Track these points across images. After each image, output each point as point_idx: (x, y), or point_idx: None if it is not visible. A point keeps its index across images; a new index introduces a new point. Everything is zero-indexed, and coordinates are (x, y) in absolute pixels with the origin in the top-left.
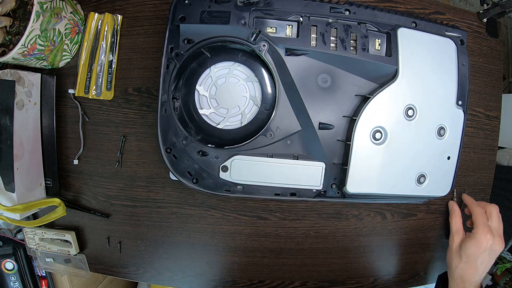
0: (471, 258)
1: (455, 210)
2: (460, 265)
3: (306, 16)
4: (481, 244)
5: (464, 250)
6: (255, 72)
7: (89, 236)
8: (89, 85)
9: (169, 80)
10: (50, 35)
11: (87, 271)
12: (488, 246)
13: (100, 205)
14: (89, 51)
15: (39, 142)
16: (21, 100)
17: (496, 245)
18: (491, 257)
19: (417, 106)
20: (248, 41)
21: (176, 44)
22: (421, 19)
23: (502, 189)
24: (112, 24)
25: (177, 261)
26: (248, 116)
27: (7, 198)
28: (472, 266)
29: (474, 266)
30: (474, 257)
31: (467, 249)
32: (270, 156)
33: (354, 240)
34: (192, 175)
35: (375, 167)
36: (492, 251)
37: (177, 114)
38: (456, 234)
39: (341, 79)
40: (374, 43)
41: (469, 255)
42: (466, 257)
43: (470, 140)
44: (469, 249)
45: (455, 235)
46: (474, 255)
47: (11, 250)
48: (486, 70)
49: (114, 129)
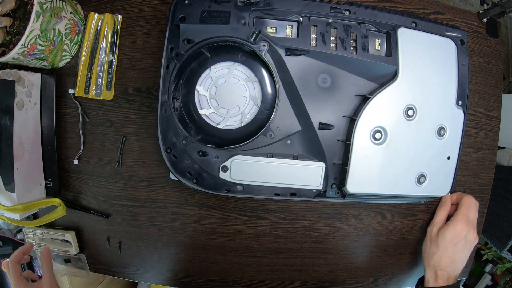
0: (448, 246)
1: (446, 203)
2: (437, 253)
3: (306, 16)
4: (457, 232)
5: (442, 237)
6: (255, 72)
7: (89, 236)
8: (89, 85)
9: (169, 80)
10: (50, 35)
11: (87, 271)
12: (464, 234)
13: (100, 205)
14: (89, 51)
15: (39, 142)
16: (21, 100)
17: (471, 235)
18: (466, 248)
19: (417, 106)
20: (248, 41)
21: (176, 44)
22: (421, 19)
23: (502, 189)
24: (112, 24)
25: (177, 261)
26: (248, 116)
27: (7, 198)
28: (449, 254)
29: (451, 254)
30: (451, 244)
31: (445, 237)
32: (270, 156)
33: (354, 240)
34: (192, 175)
35: (375, 167)
36: (467, 242)
37: (177, 114)
38: (436, 225)
39: (341, 79)
40: (374, 43)
41: (447, 242)
42: (443, 245)
43: (470, 140)
44: (446, 236)
45: (436, 225)
46: (452, 242)
47: (11, 250)
48: (486, 70)
49: (114, 129)
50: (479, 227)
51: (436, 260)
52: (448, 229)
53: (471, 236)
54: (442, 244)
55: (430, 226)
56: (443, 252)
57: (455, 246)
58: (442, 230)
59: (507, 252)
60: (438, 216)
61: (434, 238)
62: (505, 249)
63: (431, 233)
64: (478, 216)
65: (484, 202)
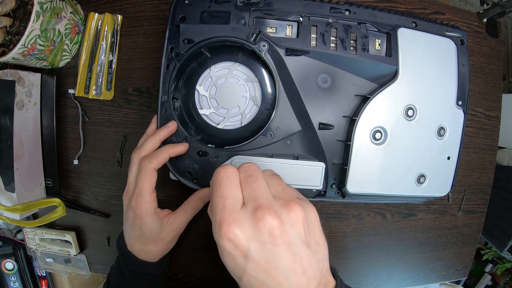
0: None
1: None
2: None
3: (306, 16)
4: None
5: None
6: (255, 72)
7: (89, 236)
8: (89, 85)
9: (169, 80)
10: (50, 35)
11: (87, 271)
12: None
13: (100, 205)
14: (89, 51)
15: (39, 142)
16: (21, 100)
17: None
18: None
19: (417, 106)
20: (248, 41)
21: (176, 44)
22: (421, 19)
23: (502, 189)
24: (112, 24)
25: (177, 261)
26: (248, 116)
27: (7, 198)
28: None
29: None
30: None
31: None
32: (270, 156)
33: (354, 240)
34: (192, 175)
35: (375, 167)
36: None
37: (177, 114)
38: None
39: (341, 79)
40: (374, 43)
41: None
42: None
43: (470, 140)
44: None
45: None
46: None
47: (11, 250)
48: (486, 70)
49: (114, 129)
50: (479, 227)
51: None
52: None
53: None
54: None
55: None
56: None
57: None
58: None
59: (507, 252)
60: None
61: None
62: (505, 249)
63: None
64: (478, 216)
65: (484, 202)
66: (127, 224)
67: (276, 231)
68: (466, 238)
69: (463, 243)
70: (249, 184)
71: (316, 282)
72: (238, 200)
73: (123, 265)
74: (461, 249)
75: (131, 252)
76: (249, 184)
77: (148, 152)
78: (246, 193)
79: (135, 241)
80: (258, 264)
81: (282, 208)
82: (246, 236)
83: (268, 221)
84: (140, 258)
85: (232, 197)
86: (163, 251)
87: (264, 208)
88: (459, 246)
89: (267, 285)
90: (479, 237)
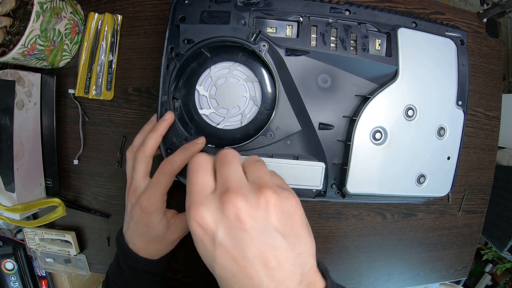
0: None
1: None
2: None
3: (306, 16)
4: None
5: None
6: (255, 72)
7: (89, 236)
8: (89, 85)
9: (169, 80)
10: (50, 35)
11: (87, 271)
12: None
13: (100, 205)
14: (89, 51)
15: (39, 142)
16: (21, 100)
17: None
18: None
19: (417, 106)
20: (248, 41)
21: (176, 44)
22: (421, 19)
23: (502, 189)
24: (112, 24)
25: (176, 261)
26: (248, 116)
27: (7, 198)
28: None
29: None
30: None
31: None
32: (270, 156)
33: (354, 240)
34: None
35: (375, 167)
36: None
37: (177, 114)
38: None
39: (341, 79)
40: (374, 43)
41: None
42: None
43: (470, 140)
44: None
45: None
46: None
47: (11, 250)
48: (486, 70)
49: (114, 129)
50: (479, 227)
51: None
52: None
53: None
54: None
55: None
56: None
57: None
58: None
59: (507, 252)
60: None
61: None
62: (505, 249)
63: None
64: (478, 216)
65: (484, 202)
66: (132, 221)
67: (242, 215)
68: (466, 238)
69: (463, 243)
70: (220, 169)
71: (296, 281)
72: (208, 185)
73: (122, 262)
74: (461, 249)
75: (132, 249)
76: (221, 170)
77: (152, 149)
78: (218, 179)
79: (138, 239)
80: (226, 250)
81: (252, 192)
82: (213, 219)
83: (233, 204)
84: (140, 255)
85: (202, 183)
86: (166, 250)
87: (231, 191)
88: (459, 246)
89: (239, 278)
90: (479, 237)
